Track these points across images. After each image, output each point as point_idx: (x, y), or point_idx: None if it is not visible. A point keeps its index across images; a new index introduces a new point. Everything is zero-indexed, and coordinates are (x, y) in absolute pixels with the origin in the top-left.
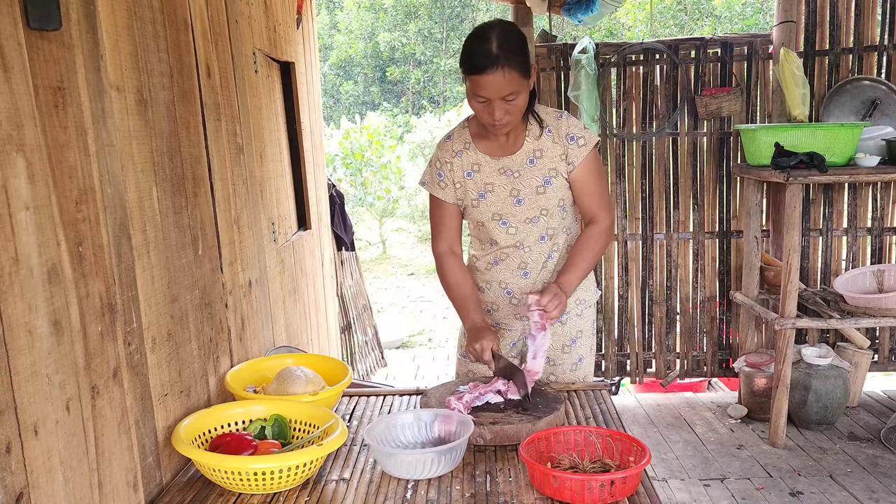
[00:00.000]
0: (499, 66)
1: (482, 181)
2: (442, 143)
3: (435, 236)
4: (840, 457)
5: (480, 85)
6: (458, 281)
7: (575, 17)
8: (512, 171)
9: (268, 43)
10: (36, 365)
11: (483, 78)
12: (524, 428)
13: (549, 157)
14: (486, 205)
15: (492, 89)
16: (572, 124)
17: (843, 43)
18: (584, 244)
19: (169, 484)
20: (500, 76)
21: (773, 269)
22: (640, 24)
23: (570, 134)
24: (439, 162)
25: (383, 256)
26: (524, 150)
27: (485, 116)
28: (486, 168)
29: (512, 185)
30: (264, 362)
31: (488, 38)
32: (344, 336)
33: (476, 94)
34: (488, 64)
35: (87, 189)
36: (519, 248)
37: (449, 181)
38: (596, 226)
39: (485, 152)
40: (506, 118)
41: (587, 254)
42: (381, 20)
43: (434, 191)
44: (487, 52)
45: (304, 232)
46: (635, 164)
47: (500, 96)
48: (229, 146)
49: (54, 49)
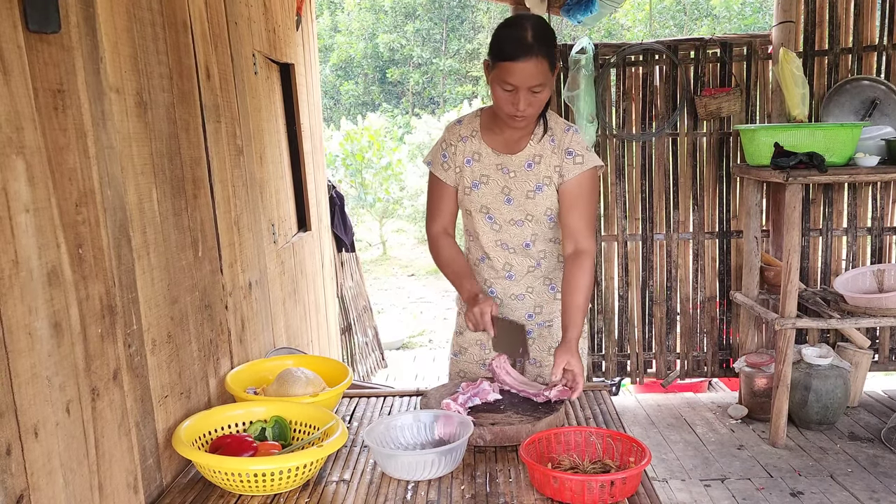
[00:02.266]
0: (533, 55)
1: (479, 171)
2: (451, 126)
3: (430, 216)
4: (840, 457)
5: (512, 72)
6: (452, 256)
7: (574, 17)
8: (509, 170)
9: (267, 44)
10: (36, 367)
11: (516, 65)
12: (524, 428)
13: (546, 165)
14: (477, 195)
15: (522, 77)
16: (575, 140)
17: (843, 43)
18: (575, 285)
19: (169, 485)
20: (532, 65)
21: (773, 269)
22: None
23: (569, 149)
24: (445, 143)
25: (384, 257)
26: (525, 152)
27: (507, 106)
28: (486, 160)
29: (505, 182)
30: (264, 364)
31: (524, 27)
32: (344, 337)
33: (504, 82)
34: (523, 52)
35: (87, 191)
36: (504, 249)
37: (451, 164)
38: (582, 258)
39: (489, 144)
40: (529, 110)
41: (581, 296)
42: (380, 21)
43: (437, 171)
44: (523, 39)
45: (305, 233)
46: (635, 164)
47: (529, 86)
48: (229, 148)
49: (54, 52)
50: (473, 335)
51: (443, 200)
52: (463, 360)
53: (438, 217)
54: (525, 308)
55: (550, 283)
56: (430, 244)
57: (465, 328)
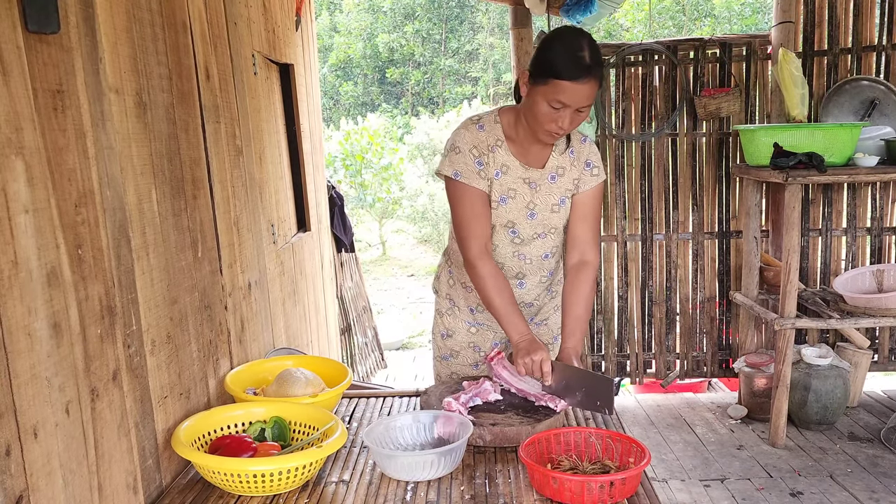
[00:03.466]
0: (591, 77)
1: (507, 185)
2: (474, 131)
3: (467, 236)
4: (840, 457)
5: (567, 92)
6: (500, 286)
7: (574, 18)
8: (535, 184)
9: (267, 45)
10: (35, 368)
11: (574, 85)
12: (524, 429)
13: (567, 178)
14: (504, 210)
15: (576, 98)
16: (592, 151)
17: (842, 43)
18: (579, 296)
19: (169, 486)
20: (588, 87)
21: (772, 270)
22: (639, 25)
23: (588, 161)
24: (476, 150)
25: (383, 258)
26: (549, 164)
27: (550, 124)
28: (513, 173)
29: (531, 197)
30: (264, 364)
31: (581, 46)
32: (344, 337)
33: (555, 100)
34: (582, 73)
35: (87, 192)
36: (521, 260)
37: (486, 173)
38: (587, 271)
39: (515, 156)
40: (570, 128)
41: (583, 306)
42: (380, 21)
43: (471, 181)
44: (582, 60)
45: (304, 234)
46: (634, 164)
47: (580, 106)
48: (228, 148)
49: (53, 52)
50: (464, 338)
51: (481, 215)
52: (455, 363)
53: (478, 235)
54: (528, 314)
55: (550, 288)
56: (470, 270)
57: (453, 330)
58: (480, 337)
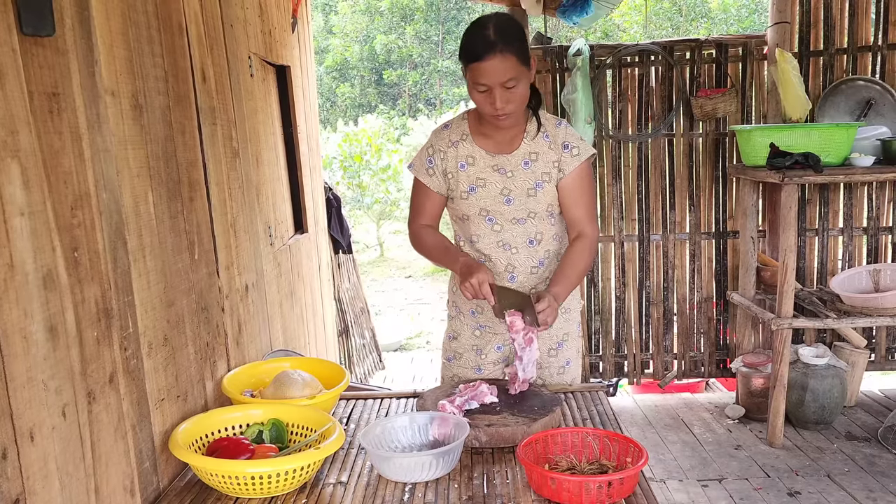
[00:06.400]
0: (497, 52)
1: (475, 175)
2: (438, 131)
3: (413, 216)
4: (838, 456)
5: (480, 72)
6: (437, 239)
7: (570, 18)
8: (506, 170)
9: (263, 47)
10: (32, 371)
11: (482, 65)
12: (520, 430)
13: (543, 162)
14: (476, 199)
15: (491, 75)
16: (569, 133)
17: (838, 43)
18: (574, 257)
19: (166, 489)
20: (498, 61)
21: (769, 270)
22: (636, 26)
23: (565, 142)
24: (432, 149)
25: (381, 259)
26: (520, 151)
27: (486, 107)
28: (481, 162)
29: (504, 183)
30: (261, 366)
31: (486, 26)
32: (341, 339)
33: (477, 83)
34: (486, 50)
35: (83, 194)
36: (506, 250)
37: (439, 170)
38: (584, 239)
39: (481, 147)
40: (508, 107)
41: (578, 266)
42: (376, 23)
43: (421, 176)
44: (485, 38)
45: (301, 235)
46: (631, 165)
47: (500, 82)
48: (225, 150)
49: (49, 55)
50: (468, 340)
51: (426, 205)
52: (457, 364)
53: (421, 216)
54: None
55: (545, 281)
56: (412, 238)
57: (458, 333)
58: (483, 340)
